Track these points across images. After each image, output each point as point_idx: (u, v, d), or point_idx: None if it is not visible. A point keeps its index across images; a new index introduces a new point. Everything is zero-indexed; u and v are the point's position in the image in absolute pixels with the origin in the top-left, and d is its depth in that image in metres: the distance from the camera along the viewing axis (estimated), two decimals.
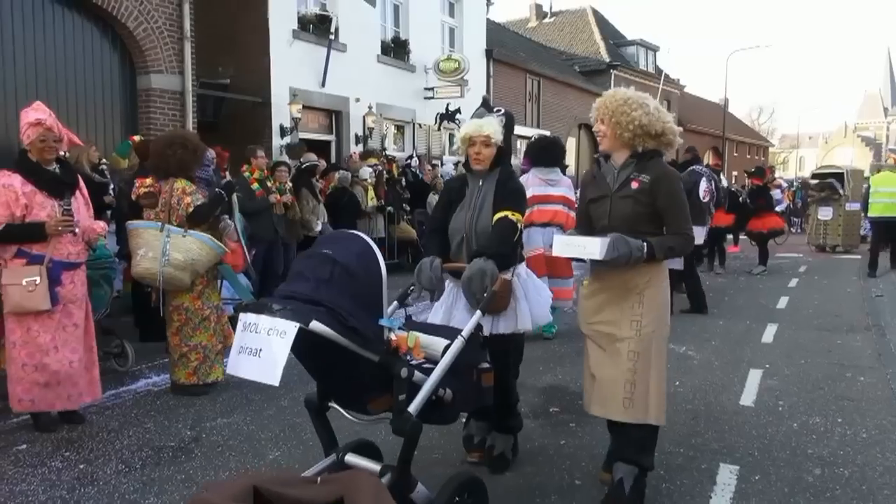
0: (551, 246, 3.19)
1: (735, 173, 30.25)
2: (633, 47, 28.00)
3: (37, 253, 3.87)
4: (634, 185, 2.94)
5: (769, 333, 6.73)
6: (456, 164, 14.27)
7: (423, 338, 2.67)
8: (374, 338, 2.33)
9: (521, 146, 19.12)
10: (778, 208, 13.20)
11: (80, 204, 4.11)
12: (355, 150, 12.38)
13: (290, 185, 8.05)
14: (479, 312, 2.78)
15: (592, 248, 2.83)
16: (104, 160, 7.30)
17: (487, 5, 17.99)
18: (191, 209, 4.52)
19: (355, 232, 2.56)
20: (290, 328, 2.12)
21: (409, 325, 2.76)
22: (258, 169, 7.62)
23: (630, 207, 2.94)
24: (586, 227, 3.16)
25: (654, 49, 29.18)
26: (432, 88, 14.91)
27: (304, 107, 11.38)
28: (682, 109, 30.87)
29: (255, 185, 7.41)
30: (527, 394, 4.74)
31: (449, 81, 14.75)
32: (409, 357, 2.49)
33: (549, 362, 5.59)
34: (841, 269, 11.78)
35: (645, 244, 2.83)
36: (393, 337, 2.41)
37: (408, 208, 11.24)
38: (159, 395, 4.78)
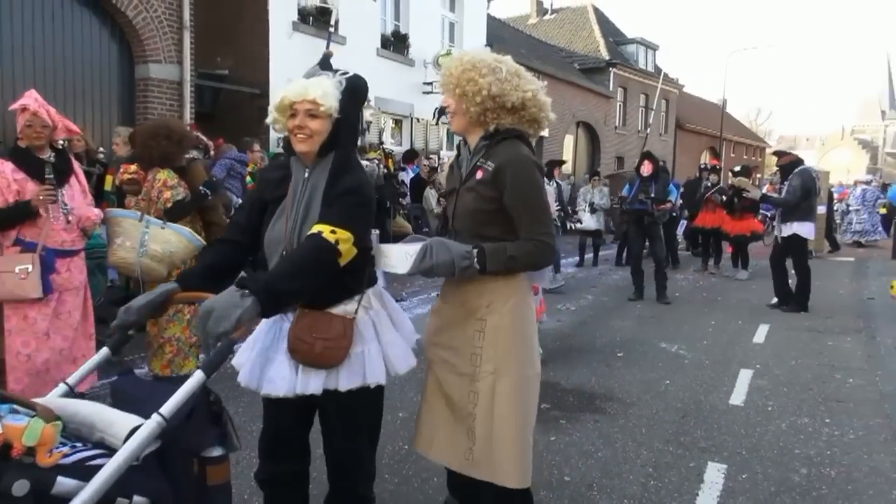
0: None
1: (730, 173, 30.38)
2: (632, 46, 27.95)
3: (30, 241, 3.89)
4: (479, 174, 2.28)
5: (761, 334, 6.77)
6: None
7: (101, 416, 1.73)
8: None
9: None
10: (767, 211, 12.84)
11: (76, 191, 4.12)
12: None
13: None
14: (198, 374, 1.77)
15: (395, 259, 2.25)
16: (101, 149, 7.30)
17: (488, 0, 17.96)
18: (169, 205, 4.50)
19: None
20: None
21: (117, 388, 1.92)
22: (253, 163, 7.62)
23: (471, 203, 2.29)
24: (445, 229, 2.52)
25: (654, 48, 29.15)
26: (431, 83, 14.87)
27: None
28: (681, 109, 30.93)
29: (249, 179, 7.41)
30: None
31: None
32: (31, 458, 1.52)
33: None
34: (833, 272, 11.83)
35: (475, 251, 2.20)
36: None
37: (405, 202, 11.28)
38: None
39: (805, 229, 7.81)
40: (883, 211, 17.05)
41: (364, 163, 10.37)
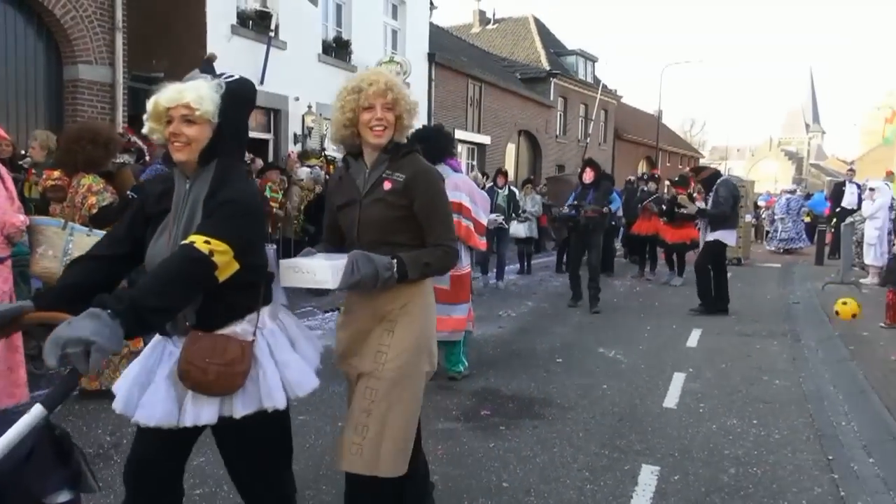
0: None
1: (667, 182, 31.31)
2: (572, 57, 28.54)
3: None
4: (387, 185, 2.37)
5: (693, 338, 6.99)
6: None
7: None
8: None
9: (461, 150, 19.27)
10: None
11: (2, 197, 3.94)
12: (293, 149, 12.22)
13: None
14: (36, 408, 1.51)
15: (323, 274, 2.22)
16: (27, 153, 6.98)
17: (431, 9, 18.05)
18: (94, 211, 4.33)
19: None
20: None
21: None
22: None
23: (380, 212, 2.37)
24: (336, 240, 2.59)
25: (594, 60, 29.82)
26: None
27: None
28: (619, 119, 31.72)
29: None
30: (458, 396, 4.79)
31: None
32: None
33: (482, 366, 5.65)
34: (760, 277, 12.33)
35: (395, 261, 2.27)
36: None
37: None
38: (77, 399, 4.60)
39: (730, 237, 8.35)
40: (807, 219, 17.92)
41: (306, 168, 10.28)
